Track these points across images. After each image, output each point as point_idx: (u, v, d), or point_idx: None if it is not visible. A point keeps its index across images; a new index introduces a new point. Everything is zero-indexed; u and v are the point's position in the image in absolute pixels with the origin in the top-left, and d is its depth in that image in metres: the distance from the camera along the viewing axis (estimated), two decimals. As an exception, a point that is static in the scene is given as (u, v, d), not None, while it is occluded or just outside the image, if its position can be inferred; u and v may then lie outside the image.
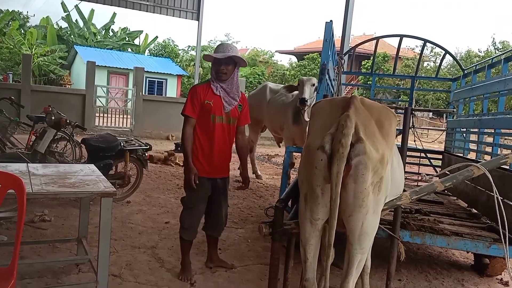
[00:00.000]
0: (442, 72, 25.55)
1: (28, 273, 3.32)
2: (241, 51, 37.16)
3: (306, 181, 2.24)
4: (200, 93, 3.32)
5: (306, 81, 6.39)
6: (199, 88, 3.35)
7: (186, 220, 3.45)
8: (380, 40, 6.79)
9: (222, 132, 3.36)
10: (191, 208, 3.43)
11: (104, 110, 14.53)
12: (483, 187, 4.21)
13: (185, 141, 3.31)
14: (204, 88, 3.36)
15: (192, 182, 3.24)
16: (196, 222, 3.48)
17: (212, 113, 3.31)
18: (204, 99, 3.31)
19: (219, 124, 3.33)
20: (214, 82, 3.35)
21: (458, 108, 6.37)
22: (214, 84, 3.35)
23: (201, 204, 3.45)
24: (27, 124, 6.50)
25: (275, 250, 2.63)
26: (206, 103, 3.30)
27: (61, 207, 5.14)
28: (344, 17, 9.51)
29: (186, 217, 3.46)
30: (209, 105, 3.30)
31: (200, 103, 3.31)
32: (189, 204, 3.44)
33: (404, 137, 3.10)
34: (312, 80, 6.43)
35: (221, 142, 3.36)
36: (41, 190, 2.76)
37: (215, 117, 3.32)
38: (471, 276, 4.24)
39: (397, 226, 3.10)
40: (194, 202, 3.42)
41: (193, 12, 16.41)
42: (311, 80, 6.43)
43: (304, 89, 6.26)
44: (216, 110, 3.32)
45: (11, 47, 23.74)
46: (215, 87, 3.34)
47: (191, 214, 3.43)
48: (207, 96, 3.32)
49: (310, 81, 6.37)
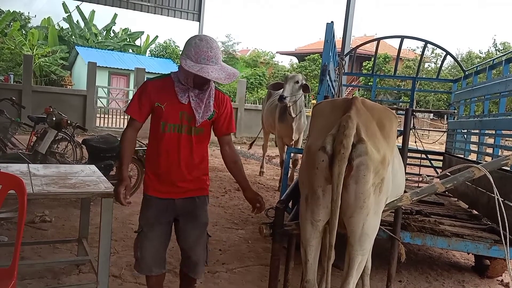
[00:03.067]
0: (443, 73, 25.51)
1: (29, 273, 3.32)
2: (242, 52, 37.19)
3: (307, 182, 2.24)
4: (151, 91, 2.46)
5: (290, 78, 6.56)
6: (151, 85, 2.48)
7: (136, 249, 2.62)
8: (381, 41, 6.79)
9: (178, 143, 2.49)
10: (141, 232, 2.59)
11: (105, 111, 14.56)
12: (484, 188, 4.21)
13: (122, 145, 2.53)
14: (158, 85, 2.49)
15: (120, 197, 2.41)
16: (150, 253, 2.57)
17: (162, 119, 2.46)
18: (155, 101, 2.45)
19: (172, 134, 2.47)
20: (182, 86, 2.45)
21: (459, 109, 6.37)
22: (181, 89, 2.45)
23: (153, 230, 2.56)
24: (28, 125, 6.50)
25: (276, 251, 2.63)
26: (156, 106, 2.45)
27: (61, 208, 5.14)
28: (345, 18, 9.53)
29: (135, 245, 2.63)
30: (159, 108, 2.45)
31: (150, 104, 2.47)
32: (137, 229, 2.64)
33: (405, 138, 3.10)
34: (296, 77, 6.58)
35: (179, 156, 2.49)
36: (41, 191, 2.77)
37: (166, 125, 2.46)
38: (471, 277, 4.24)
39: (398, 227, 3.09)
40: (144, 225, 2.59)
41: (194, 13, 16.46)
42: (295, 78, 6.56)
43: (285, 86, 6.41)
44: (169, 116, 2.45)
45: (12, 47, 23.74)
46: (183, 94, 2.44)
47: (142, 241, 2.58)
48: (160, 97, 2.45)
49: (293, 79, 6.53)
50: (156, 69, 26.31)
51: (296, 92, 6.46)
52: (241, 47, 37.69)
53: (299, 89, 6.47)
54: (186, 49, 2.34)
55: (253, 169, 9.52)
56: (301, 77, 6.58)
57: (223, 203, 6.20)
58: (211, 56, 2.31)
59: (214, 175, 7.80)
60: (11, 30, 24.75)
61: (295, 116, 6.76)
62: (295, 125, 6.87)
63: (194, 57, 2.30)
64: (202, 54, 2.29)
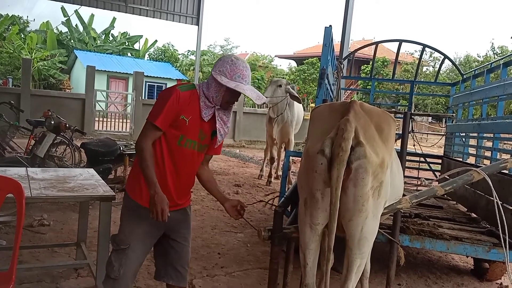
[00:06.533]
0: (441, 77, 25.58)
1: (27, 277, 3.31)
2: (241, 56, 37.21)
3: (306, 185, 2.24)
4: (180, 102, 2.28)
5: (273, 82, 7.54)
6: (182, 96, 2.29)
7: (115, 266, 2.33)
8: (379, 45, 6.81)
9: (191, 159, 2.41)
10: (124, 249, 2.34)
11: (104, 114, 14.55)
12: (482, 191, 4.22)
13: (147, 158, 2.24)
14: (187, 97, 2.32)
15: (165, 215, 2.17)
16: (132, 270, 2.38)
17: (182, 132, 2.32)
18: (181, 113, 2.29)
19: (188, 150, 2.37)
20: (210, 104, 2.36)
21: (457, 113, 6.38)
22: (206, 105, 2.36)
23: (141, 245, 2.39)
24: (26, 129, 6.51)
25: (275, 255, 2.62)
26: (181, 118, 2.30)
27: (60, 212, 5.13)
28: (344, 22, 9.56)
29: (115, 262, 2.35)
30: (183, 121, 2.30)
31: (175, 115, 2.29)
32: (122, 244, 2.35)
33: (404, 142, 3.10)
34: (280, 81, 7.52)
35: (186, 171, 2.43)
36: (40, 195, 2.77)
37: (184, 139, 2.34)
38: (470, 280, 4.24)
39: (397, 231, 3.10)
40: (132, 240, 2.35)
41: (193, 17, 16.50)
42: (278, 82, 7.49)
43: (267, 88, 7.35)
44: (189, 131, 2.34)
45: (11, 51, 23.76)
46: (207, 111, 2.36)
47: (123, 258, 2.34)
48: (187, 110, 2.31)
49: (276, 82, 7.47)
50: (154, 72, 26.36)
51: (279, 94, 7.29)
52: (239, 51, 37.89)
53: (283, 93, 7.26)
54: (221, 66, 2.32)
55: (252, 172, 9.52)
56: (285, 82, 7.62)
57: (222, 207, 6.19)
58: (245, 75, 2.33)
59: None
60: (10, 34, 24.78)
61: (275, 117, 7.71)
62: (278, 127, 7.81)
63: (229, 74, 2.29)
64: (238, 72, 2.30)
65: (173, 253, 2.52)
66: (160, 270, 2.57)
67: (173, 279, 2.55)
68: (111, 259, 2.38)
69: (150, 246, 2.48)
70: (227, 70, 2.30)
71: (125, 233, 2.39)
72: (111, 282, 2.35)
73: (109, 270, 2.36)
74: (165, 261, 2.54)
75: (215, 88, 2.33)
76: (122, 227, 2.42)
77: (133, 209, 2.39)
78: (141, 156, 2.25)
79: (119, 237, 2.40)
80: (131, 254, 2.35)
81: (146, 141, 2.27)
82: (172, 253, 2.52)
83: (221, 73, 2.30)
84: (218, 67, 2.33)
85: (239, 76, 2.30)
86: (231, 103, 2.41)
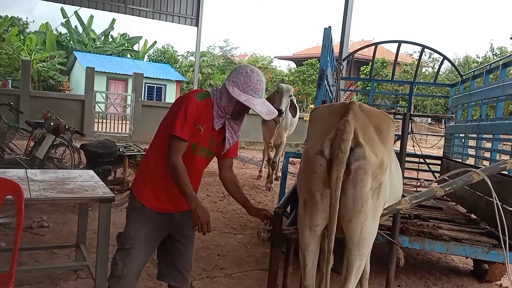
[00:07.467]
0: (440, 78, 25.61)
1: (26, 279, 3.31)
2: (240, 57, 37.27)
3: (305, 187, 2.24)
4: (198, 113, 2.30)
5: (285, 91, 6.82)
6: (200, 106, 2.30)
7: (119, 265, 2.39)
8: (379, 46, 6.82)
9: (199, 164, 2.45)
10: (128, 249, 2.40)
11: (103, 115, 14.54)
12: (482, 192, 4.21)
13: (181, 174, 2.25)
14: (203, 106, 2.32)
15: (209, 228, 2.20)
16: (136, 270, 2.44)
17: (196, 140, 2.34)
18: (198, 122, 2.31)
19: (199, 157, 2.41)
20: (223, 114, 2.37)
21: (457, 114, 6.38)
22: (219, 114, 2.36)
23: (145, 246, 2.44)
24: (26, 130, 6.50)
25: (274, 256, 2.62)
26: (197, 128, 2.32)
27: (59, 213, 5.13)
28: (343, 23, 9.57)
29: (119, 261, 2.41)
30: (198, 130, 2.32)
31: (194, 125, 2.30)
32: (126, 243, 2.41)
33: (403, 143, 3.10)
34: (291, 90, 6.95)
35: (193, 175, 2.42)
36: (39, 196, 2.76)
37: (197, 147, 2.37)
38: (470, 281, 4.24)
39: (396, 232, 3.09)
40: (136, 240, 2.40)
41: (192, 18, 16.51)
42: (290, 91, 6.90)
43: (282, 100, 6.71)
44: (202, 139, 2.36)
45: (10, 53, 23.76)
46: (218, 120, 2.37)
47: (127, 257, 2.39)
48: (202, 120, 2.33)
49: (288, 92, 6.84)
50: (154, 74, 26.35)
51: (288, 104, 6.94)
52: (239, 52, 37.80)
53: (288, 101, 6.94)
54: (235, 76, 2.31)
55: (251, 173, 9.52)
56: (293, 89, 7.04)
57: (222, 208, 6.20)
58: (258, 89, 2.31)
59: (212, 179, 7.80)
60: (9, 35, 24.80)
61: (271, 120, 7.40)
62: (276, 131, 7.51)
63: (242, 86, 2.28)
64: (252, 85, 2.29)
65: (177, 254, 2.55)
66: (163, 271, 2.61)
67: (175, 280, 2.58)
68: (116, 257, 2.43)
69: (154, 247, 2.52)
70: (241, 82, 2.28)
71: (129, 233, 2.43)
72: (115, 280, 2.41)
73: (113, 268, 2.42)
74: (168, 261, 2.58)
75: (227, 98, 2.33)
76: (127, 227, 2.46)
77: (139, 210, 2.42)
78: (176, 173, 2.25)
79: (124, 236, 2.44)
80: (135, 254, 2.40)
81: (177, 157, 2.27)
82: (175, 254, 2.55)
83: (234, 84, 2.29)
84: (232, 77, 2.32)
85: (252, 90, 2.29)
86: (241, 114, 2.41)
